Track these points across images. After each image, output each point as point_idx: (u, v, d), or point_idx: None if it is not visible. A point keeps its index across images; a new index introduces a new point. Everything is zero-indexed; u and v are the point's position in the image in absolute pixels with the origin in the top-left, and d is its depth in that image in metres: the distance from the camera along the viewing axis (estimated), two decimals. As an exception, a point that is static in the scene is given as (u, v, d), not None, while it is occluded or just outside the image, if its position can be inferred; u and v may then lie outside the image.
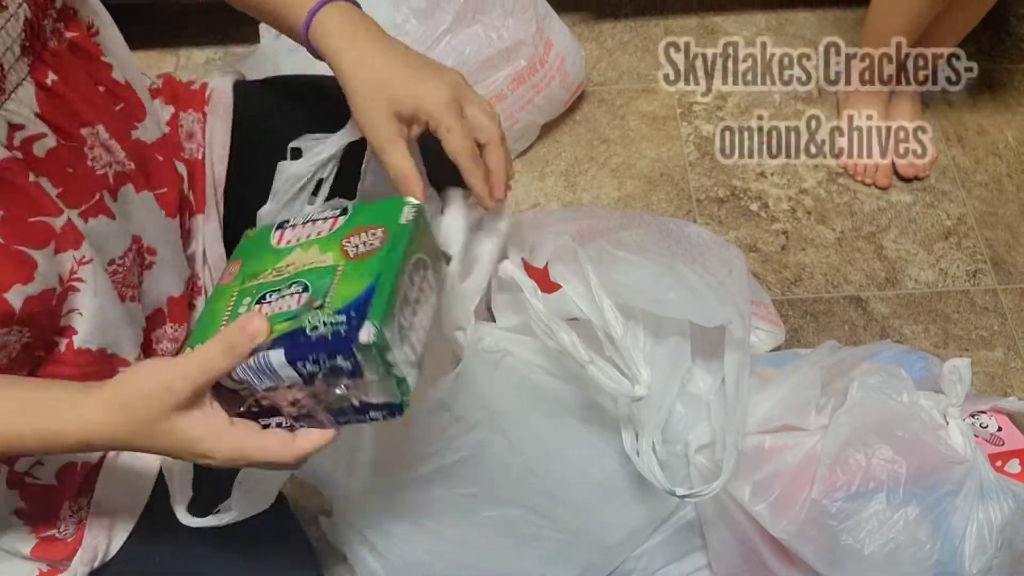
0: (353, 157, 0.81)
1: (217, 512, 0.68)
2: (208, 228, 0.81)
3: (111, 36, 0.70)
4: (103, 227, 0.65)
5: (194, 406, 0.53)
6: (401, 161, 0.67)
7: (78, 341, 0.65)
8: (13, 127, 0.58)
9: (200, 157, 0.81)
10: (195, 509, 0.67)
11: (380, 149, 0.68)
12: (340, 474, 0.85)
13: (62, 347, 0.65)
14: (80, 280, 0.63)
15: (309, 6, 0.69)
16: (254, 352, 0.52)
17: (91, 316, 0.65)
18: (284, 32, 0.74)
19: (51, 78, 0.61)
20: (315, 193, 0.86)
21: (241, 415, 0.56)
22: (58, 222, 0.61)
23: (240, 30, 1.48)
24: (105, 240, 0.66)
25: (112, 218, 0.66)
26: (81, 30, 0.65)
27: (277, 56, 1.26)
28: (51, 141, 0.61)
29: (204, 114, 0.82)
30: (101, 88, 0.67)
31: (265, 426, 0.56)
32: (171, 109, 0.81)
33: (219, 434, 0.53)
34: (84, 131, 0.64)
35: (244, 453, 0.54)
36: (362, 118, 0.68)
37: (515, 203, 1.36)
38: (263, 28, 1.32)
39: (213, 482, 0.70)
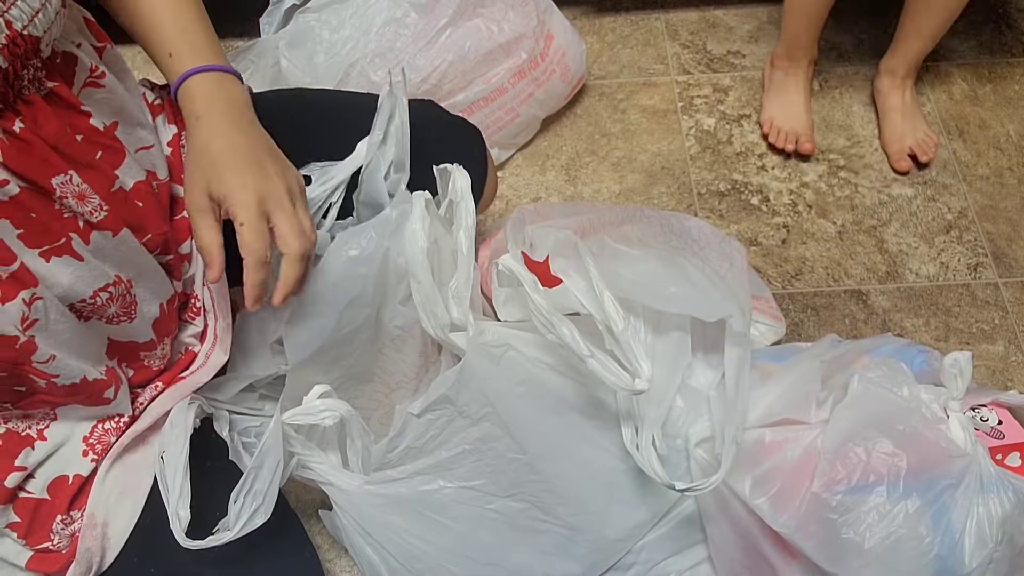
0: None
1: (216, 532, 0.69)
2: None
3: (113, 80, 0.70)
4: (67, 267, 0.65)
5: None
6: (204, 233, 0.68)
7: (55, 379, 0.66)
8: None
9: None
10: (193, 532, 0.67)
11: (191, 217, 0.69)
12: (340, 470, 0.85)
13: (42, 383, 0.66)
14: (35, 322, 0.63)
15: (185, 68, 0.71)
16: None
17: (57, 352, 0.65)
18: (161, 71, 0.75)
19: (18, 126, 0.60)
20: (324, 216, 0.86)
21: None
22: (9, 269, 0.60)
23: (240, 25, 1.48)
24: (70, 278, 0.65)
25: (80, 260, 0.65)
26: (64, 79, 0.65)
27: (277, 50, 1.26)
28: (14, 188, 0.60)
29: None
30: (79, 137, 0.66)
31: None
32: (174, 129, 0.80)
33: None
34: (56, 180, 0.63)
35: None
36: (186, 184, 0.70)
37: (516, 197, 1.36)
38: (263, 22, 1.32)
39: (210, 502, 0.71)
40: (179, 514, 0.68)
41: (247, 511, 0.70)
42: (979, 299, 1.26)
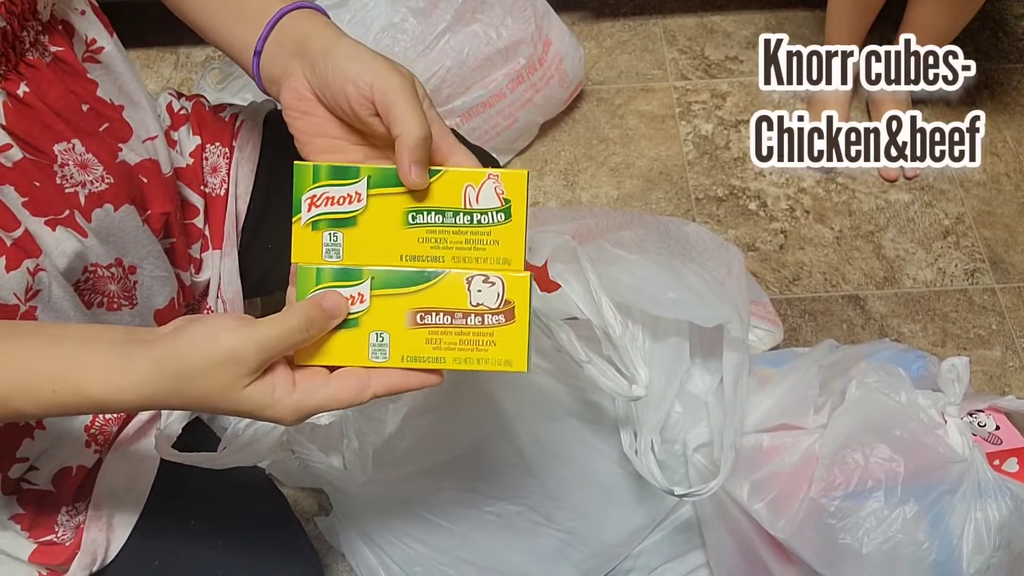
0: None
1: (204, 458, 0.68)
2: (226, 265, 0.80)
3: (114, 54, 0.68)
4: (70, 240, 0.64)
5: (260, 376, 0.50)
6: None
7: None
8: None
9: (223, 193, 0.80)
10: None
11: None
12: (339, 470, 0.85)
13: None
14: (37, 292, 0.62)
15: (273, 11, 0.61)
16: None
17: None
18: (235, 53, 0.66)
19: (23, 90, 0.59)
20: None
21: None
22: (13, 236, 0.60)
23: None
24: (72, 253, 0.64)
25: (84, 236, 0.64)
26: (69, 45, 0.64)
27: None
28: (17, 154, 0.59)
29: (232, 148, 0.81)
30: (85, 106, 0.65)
31: None
32: (198, 140, 0.79)
33: (285, 398, 0.51)
34: (58, 147, 0.62)
35: (311, 410, 0.52)
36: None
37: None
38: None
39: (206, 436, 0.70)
40: (165, 431, 0.67)
41: (238, 453, 0.68)
42: (976, 304, 1.26)
